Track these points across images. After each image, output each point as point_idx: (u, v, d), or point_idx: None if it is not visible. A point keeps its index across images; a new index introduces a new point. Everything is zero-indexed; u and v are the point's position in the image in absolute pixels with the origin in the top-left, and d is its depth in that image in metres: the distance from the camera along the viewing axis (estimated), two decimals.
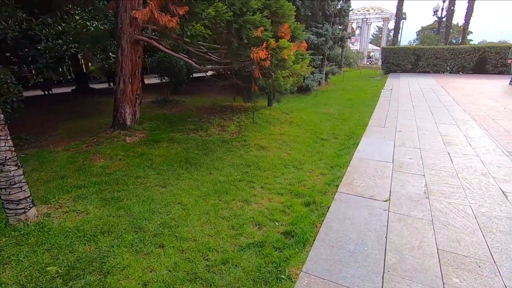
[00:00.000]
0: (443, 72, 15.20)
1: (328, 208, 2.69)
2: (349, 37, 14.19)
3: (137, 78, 5.66)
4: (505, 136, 4.61)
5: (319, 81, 10.71)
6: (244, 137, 5.00)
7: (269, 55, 3.76)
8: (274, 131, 5.35)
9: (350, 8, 14.03)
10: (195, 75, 12.23)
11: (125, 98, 5.56)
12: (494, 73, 13.93)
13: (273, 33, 3.98)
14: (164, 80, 9.31)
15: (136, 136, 5.29)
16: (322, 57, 10.96)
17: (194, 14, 3.22)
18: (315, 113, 6.80)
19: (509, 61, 10.20)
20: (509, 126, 5.18)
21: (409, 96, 8.43)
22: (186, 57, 5.11)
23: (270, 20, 3.90)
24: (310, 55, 10.03)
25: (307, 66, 4.54)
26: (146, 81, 11.86)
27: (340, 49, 15.76)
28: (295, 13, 4.61)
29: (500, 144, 4.23)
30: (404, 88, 10.02)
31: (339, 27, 11.88)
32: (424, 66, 15.42)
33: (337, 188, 3.06)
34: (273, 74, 4.00)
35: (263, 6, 3.75)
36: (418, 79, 12.61)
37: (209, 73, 8.66)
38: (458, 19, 24.63)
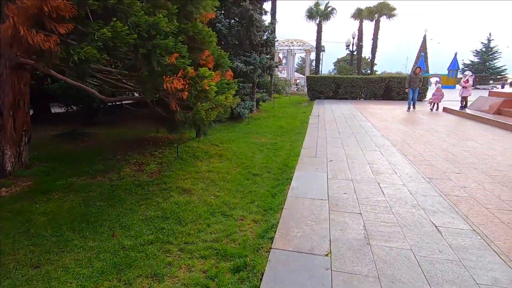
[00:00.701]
0: (359, 99, 16.95)
1: (262, 275, 2.16)
2: (277, 66, 14.80)
3: (22, 111, 4.48)
4: (421, 161, 4.91)
5: (250, 108, 10.61)
6: (165, 178, 4.25)
7: (187, 85, 3.23)
8: (201, 167, 4.74)
9: (276, 39, 14.79)
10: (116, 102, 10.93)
11: (4, 136, 4.32)
12: (398, 99, 16.11)
13: (191, 61, 3.49)
14: (72, 109, 7.93)
15: (18, 185, 4.05)
16: (252, 84, 10.99)
17: (84, 34, 2.53)
18: (247, 143, 6.44)
19: (406, 90, 11.80)
20: (421, 149, 5.62)
21: (334, 123, 8.85)
22: (89, 85, 4.22)
23: (187, 46, 3.42)
24: (240, 82, 9.86)
25: (234, 96, 4.15)
26: (53, 110, 10.08)
27: (269, 77, 16.34)
28: (222, 41, 4.31)
29: (419, 170, 4.42)
30: (329, 115, 10.60)
31: (267, 56, 12.25)
32: (343, 93, 16.97)
33: (272, 242, 2.58)
34: (193, 106, 3.46)
35: (177, 30, 3.26)
36: (340, 105, 13.68)
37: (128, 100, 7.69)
38: (366, 52, 28.58)
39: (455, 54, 44.96)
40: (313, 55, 27.81)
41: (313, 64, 28.36)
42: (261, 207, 3.35)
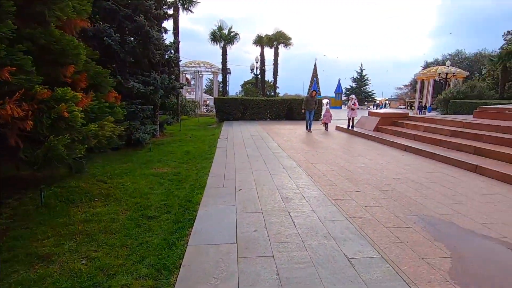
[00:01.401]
0: (265, 119, 17.72)
1: None
2: (182, 87, 14.06)
3: None
4: (325, 181, 5.02)
5: (152, 132, 9.50)
6: (13, 240, 2.99)
7: (34, 111, 2.29)
8: (75, 216, 3.60)
9: (180, 60, 14.15)
10: None
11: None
12: (299, 119, 17.56)
13: (44, 78, 2.55)
14: None
15: None
16: (153, 106, 9.94)
17: None
18: (144, 175, 5.47)
19: (303, 111, 12.66)
20: (324, 169, 5.85)
21: (243, 145, 8.67)
22: None
23: (37, 58, 2.48)
24: (139, 104, 8.70)
25: (115, 124, 3.30)
26: None
27: (176, 98, 15.42)
28: (115, 58, 3.43)
29: (325, 192, 4.45)
30: (238, 136, 10.46)
31: (171, 76, 11.45)
32: (251, 114, 17.44)
33: None
34: (46, 139, 2.49)
35: (16, 35, 2.31)
36: (248, 126, 13.87)
37: None
38: (269, 76, 30.92)
39: (339, 80, 53.37)
40: (220, 77, 28.28)
41: (221, 86, 28.81)
42: (154, 266, 2.58)
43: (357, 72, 66.80)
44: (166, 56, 11.19)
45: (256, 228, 3.23)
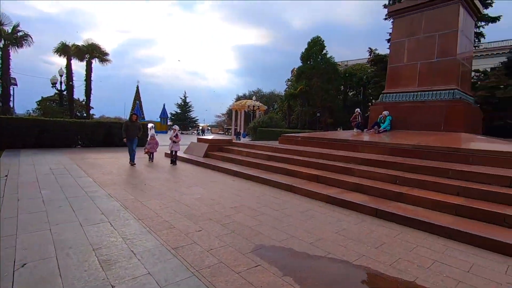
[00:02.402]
0: (75, 146, 14.23)
1: None
2: None
3: None
4: (161, 224, 4.15)
5: None
6: None
7: None
8: None
9: None
10: None
11: None
12: (121, 146, 15.30)
13: None
14: None
15: None
16: None
17: None
18: None
19: (124, 139, 9.61)
20: (157, 206, 4.95)
21: (36, 186, 6.15)
22: None
23: None
24: None
25: None
26: None
27: None
28: None
29: (162, 239, 3.60)
30: (28, 173, 7.47)
31: None
32: (52, 140, 13.43)
33: None
34: None
35: None
36: (47, 157, 10.44)
37: None
38: (80, 94, 25.69)
39: (164, 105, 52.98)
40: None
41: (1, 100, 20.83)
42: None
43: (181, 98, 69.31)
44: None
45: None
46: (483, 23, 22.46)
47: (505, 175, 5.26)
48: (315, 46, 31.38)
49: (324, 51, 31.22)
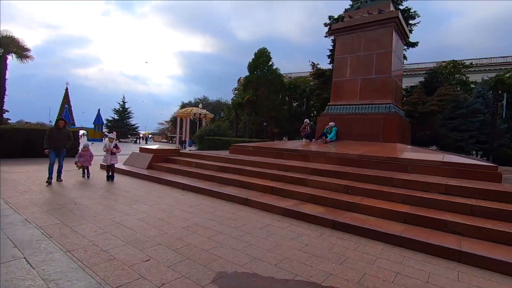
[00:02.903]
0: None
1: None
2: None
3: None
4: (97, 255, 3.41)
5: None
6: None
7: None
8: None
9: None
10: None
11: None
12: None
13: None
14: None
15: None
16: None
17: None
18: None
19: (46, 151, 7.63)
20: (92, 232, 4.14)
21: None
22: None
23: None
24: None
25: None
26: None
27: None
28: None
29: (99, 276, 2.92)
30: None
31: None
32: None
33: None
34: None
35: None
36: None
37: None
38: None
39: (99, 110, 48.30)
40: None
41: None
42: None
43: (119, 103, 64.00)
44: None
45: None
46: (405, 47, 25.77)
47: (441, 183, 5.79)
48: (262, 57, 32.17)
49: (271, 63, 32.20)
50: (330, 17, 25.94)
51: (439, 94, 20.55)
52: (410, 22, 24.21)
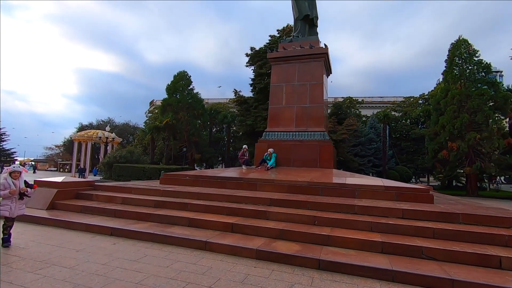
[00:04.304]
0: None
1: None
2: None
3: None
4: None
5: None
6: None
7: None
8: None
9: None
10: None
11: None
12: None
13: None
14: None
15: None
16: None
17: None
18: None
19: None
20: None
21: None
22: None
23: None
24: None
25: None
26: None
27: None
28: None
29: None
30: None
31: None
32: None
33: None
34: None
35: None
36: None
37: None
38: None
39: None
40: None
41: None
42: None
43: None
44: None
45: None
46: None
47: (396, 208, 6.05)
48: (182, 80, 30.87)
49: (191, 86, 31.19)
50: (251, 48, 27.27)
51: (347, 124, 23.71)
52: None
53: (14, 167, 5.11)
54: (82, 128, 55.34)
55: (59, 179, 8.31)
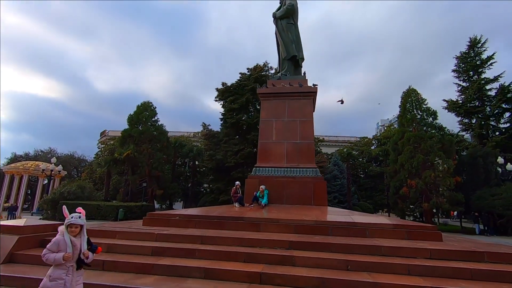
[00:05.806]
0: None
1: None
2: None
3: None
4: None
5: None
6: None
7: None
8: None
9: None
10: None
11: None
12: None
13: None
14: None
15: None
16: None
17: None
18: None
19: None
20: None
21: None
22: None
23: None
24: None
25: None
26: None
27: None
28: None
29: None
30: None
31: None
32: None
33: None
34: None
35: None
36: None
37: None
38: None
39: None
40: None
41: None
42: None
43: None
44: None
45: None
46: None
47: (423, 248, 5.90)
48: (146, 111, 29.38)
49: (156, 118, 29.76)
50: (223, 84, 27.50)
51: (318, 162, 24.43)
52: None
53: (73, 216, 3.37)
54: (15, 158, 48.31)
55: (20, 221, 6.60)
